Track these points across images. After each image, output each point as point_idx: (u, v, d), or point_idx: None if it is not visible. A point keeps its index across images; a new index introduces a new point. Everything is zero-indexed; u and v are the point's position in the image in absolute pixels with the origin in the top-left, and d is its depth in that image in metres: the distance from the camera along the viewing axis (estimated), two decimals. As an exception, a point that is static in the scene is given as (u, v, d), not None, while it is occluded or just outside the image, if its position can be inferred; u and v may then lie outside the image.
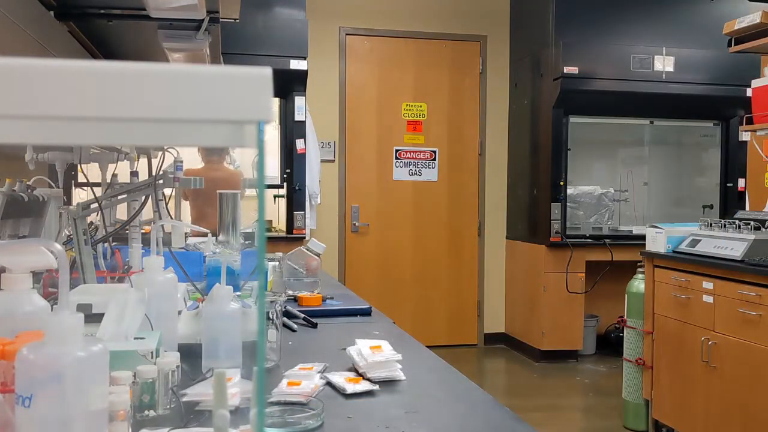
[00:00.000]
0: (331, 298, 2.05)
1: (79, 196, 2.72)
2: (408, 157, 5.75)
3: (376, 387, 1.18)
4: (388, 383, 1.21)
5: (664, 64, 5.02)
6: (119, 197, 1.72)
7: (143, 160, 2.49)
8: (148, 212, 1.97)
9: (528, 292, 5.48)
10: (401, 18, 5.67)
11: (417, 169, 5.76)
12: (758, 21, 3.39)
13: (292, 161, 4.69)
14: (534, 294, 5.35)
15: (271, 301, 1.36)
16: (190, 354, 1.22)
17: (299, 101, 4.65)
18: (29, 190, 1.63)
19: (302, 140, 4.67)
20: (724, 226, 3.32)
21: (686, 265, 3.34)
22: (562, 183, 5.11)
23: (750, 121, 3.66)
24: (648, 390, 3.64)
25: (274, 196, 5.04)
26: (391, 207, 5.73)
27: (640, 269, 3.75)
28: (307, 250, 2.12)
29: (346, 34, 5.63)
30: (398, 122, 5.73)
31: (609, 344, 5.41)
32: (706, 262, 3.19)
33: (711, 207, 5.48)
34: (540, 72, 5.27)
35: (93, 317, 1.07)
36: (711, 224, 3.42)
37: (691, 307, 3.31)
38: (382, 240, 5.72)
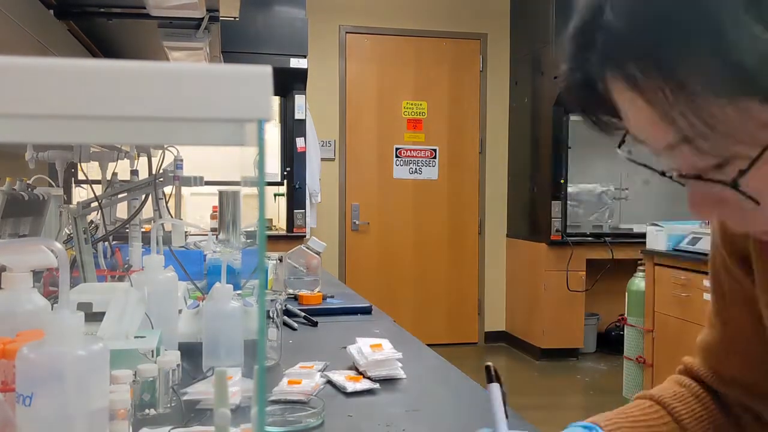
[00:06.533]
0: (332, 297, 2.05)
1: (79, 194, 2.72)
2: (408, 156, 5.75)
3: (377, 385, 1.18)
4: (388, 382, 1.21)
5: (664, 62, 5.01)
6: (119, 196, 1.72)
7: (143, 159, 2.49)
8: (148, 211, 1.97)
9: (528, 290, 5.48)
10: (401, 16, 5.67)
11: (417, 168, 5.76)
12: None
13: (292, 160, 4.69)
14: (534, 292, 5.35)
15: (272, 300, 1.36)
16: (191, 353, 1.22)
17: (299, 99, 4.65)
18: (29, 189, 1.63)
19: (302, 139, 4.67)
20: (725, 224, 3.31)
21: (687, 263, 3.34)
22: (562, 181, 5.11)
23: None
24: (648, 388, 3.63)
25: (275, 195, 5.04)
26: (391, 205, 5.73)
27: (640, 267, 3.75)
28: (308, 248, 2.12)
29: (346, 33, 5.62)
30: (398, 120, 5.72)
31: (609, 342, 5.41)
32: (707, 260, 3.18)
33: (711, 205, 5.47)
34: (540, 70, 5.27)
35: (93, 316, 1.07)
36: (711, 222, 3.41)
37: (691, 305, 3.31)
38: (383, 238, 5.72)
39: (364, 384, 1.17)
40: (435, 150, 5.78)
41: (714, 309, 0.86)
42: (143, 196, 1.72)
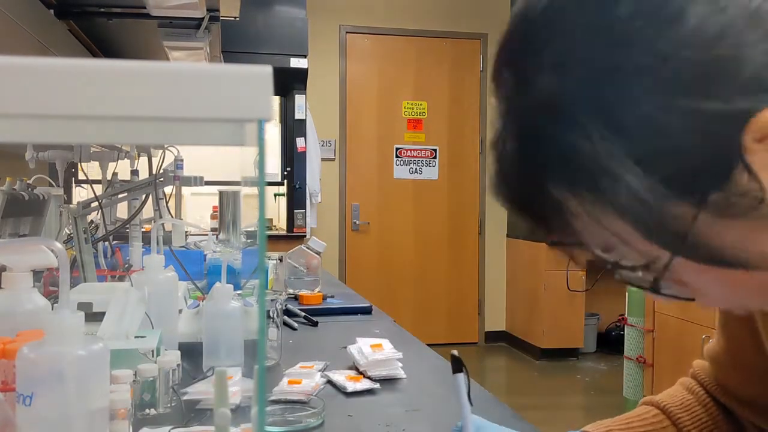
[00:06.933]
0: (332, 297, 2.05)
1: (79, 194, 2.72)
2: (408, 156, 5.75)
3: (377, 385, 1.18)
4: (388, 381, 1.21)
5: (664, 61, 5.01)
6: (119, 196, 1.72)
7: (143, 159, 2.49)
8: (148, 211, 1.97)
9: (528, 290, 5.48)
10: (401, 16, 5.67)
11: (417, 168, 5.76)
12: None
13: (292, 160, 4.69)
14: (534, 292, 5.35)
15: (272, 300, 1.36)
16: (191, 352, 1.22)
17: (299, 99, 4.65)
18: (29, 189, 1.63)
19: (302, 138, 4.67)
20: (725, 224, 3.32)
21: (687, 263, 3.34)
22: (562, 181, 5.11)
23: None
24: (649, 388, 3.64)
25: (275, 195, 5.05)
26: (391, 205, 5.73)
27: (640, 267, 3.75)
28: (308, 248, 2.12)
29: (347, 32, 5.62)
30: (398, 120, 5.72)
31: (609, 342, 5.41)
32: (707, 260, 3.19)
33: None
34: (540, 70, 5.27)
35: (93, 316, 1.07)
36: (711, 222, 3.41)
37: (691, 305, 3.30)
38: (383, 238, 5.71)
39: (364, 384, 1.17)
40: (435, 150, 5.78)
41: (719, 320, 0.85)
42: (143, 196, 1.72)
